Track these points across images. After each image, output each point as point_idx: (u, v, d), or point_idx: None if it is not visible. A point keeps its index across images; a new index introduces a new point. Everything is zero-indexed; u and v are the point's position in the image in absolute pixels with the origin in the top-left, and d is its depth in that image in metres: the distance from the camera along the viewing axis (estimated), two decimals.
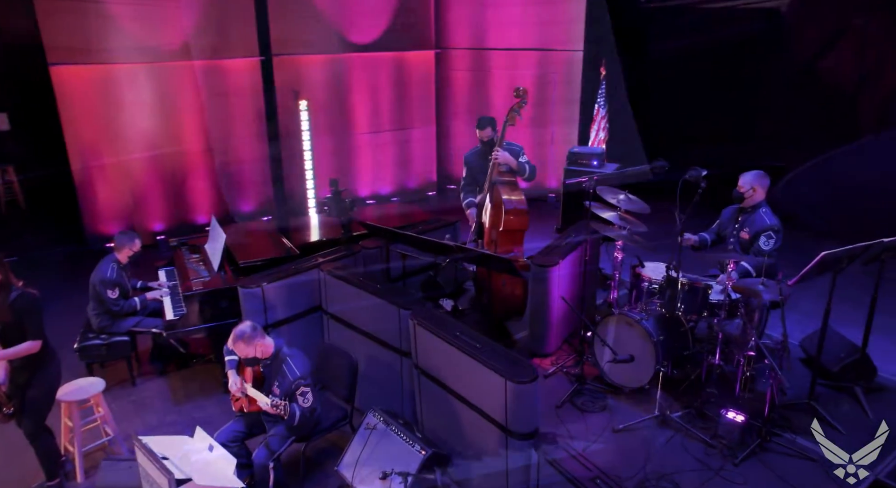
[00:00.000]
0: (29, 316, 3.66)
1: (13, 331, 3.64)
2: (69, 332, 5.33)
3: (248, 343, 3.68)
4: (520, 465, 3.51)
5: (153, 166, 8.06)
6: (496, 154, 4.62)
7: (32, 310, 3.68)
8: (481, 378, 3.57)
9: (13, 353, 3.66)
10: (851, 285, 4.29)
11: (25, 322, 3.65)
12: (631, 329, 3.95)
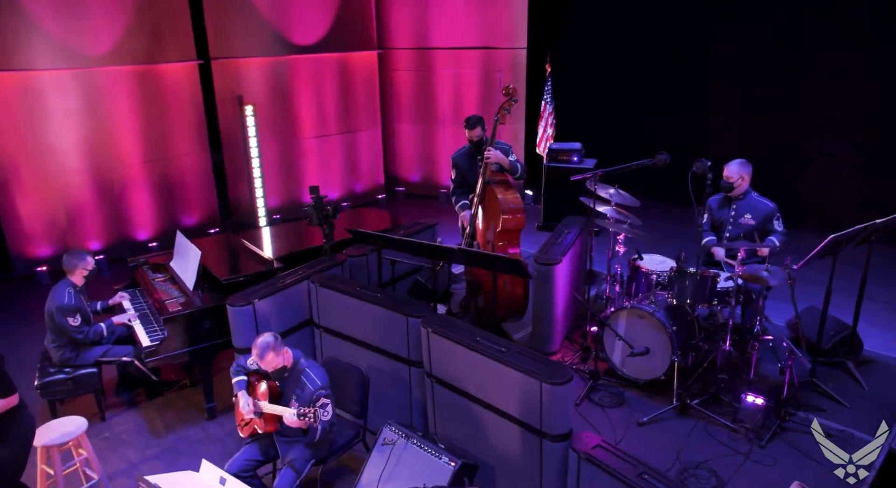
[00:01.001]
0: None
1: None
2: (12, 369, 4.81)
3: (276, 352, 3.46)
4: (556, 467, 3.46)
5: (87, 180, 7.44)
6: (488, 153, 4.55)
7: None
8: (511, 382, 3.49)
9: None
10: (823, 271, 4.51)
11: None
12: (643, 321, 3.99)
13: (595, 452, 3.29)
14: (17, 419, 3.39)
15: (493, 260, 4.06)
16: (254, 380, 3.74)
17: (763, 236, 4.14)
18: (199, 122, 8.22)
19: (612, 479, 3.16)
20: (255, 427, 3.68)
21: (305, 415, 3.31)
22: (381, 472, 3.76)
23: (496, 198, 4.53)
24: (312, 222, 4.98)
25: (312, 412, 3.30)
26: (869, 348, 4.57)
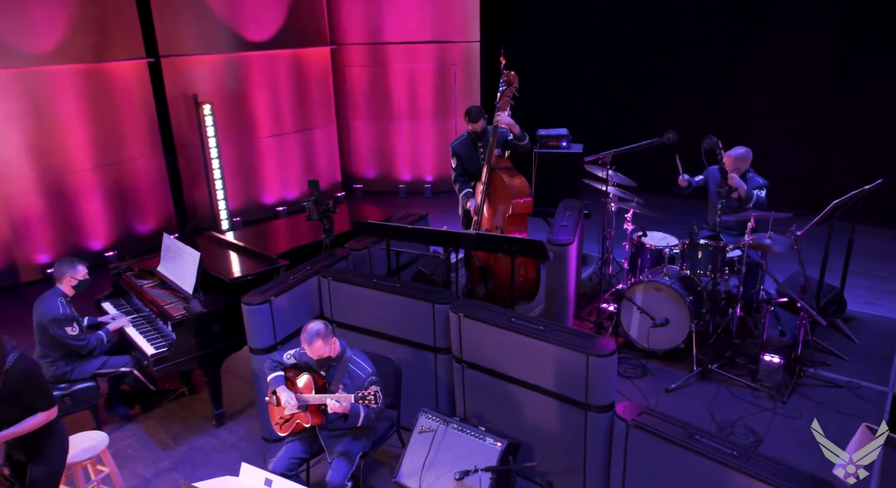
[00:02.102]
0: (30, 384, 3.00)
1: (4, 404, 2.95)
2: None
3: (326, 340, 3.39)
4: (601, 438, 3.56)
5: (34, 189, 6.94)
6: (498, 117, 4.58)
7: (33, 376, 3.02)
8: (554, 358, 3.56)
9: (20, 431, 2.98)
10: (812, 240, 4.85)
11: (27, 391, 2.98)
12: (660, 293, 4.16)
13: (642, 419, 3.42)
14: (53, 434, 3.17)
15: (514, 242, 4.12)
16: (291, 376, 3.63)
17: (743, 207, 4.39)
18: (151, 123, 7.82)
19: (664, 443, 3.29)
20: (299, 422, 3.57)
21: (365, 398, 3.23)
22: (425, 459, 3.75)
23: (504, 184, 4.59)
24: (312, 217, 4.87)
25: (372, 393, 3.23)
26: (850, 307, 4.96)
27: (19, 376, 2.95)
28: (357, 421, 3.44)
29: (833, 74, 7.20)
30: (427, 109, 9.71)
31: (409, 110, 9.70)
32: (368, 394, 3.25)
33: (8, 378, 2.92)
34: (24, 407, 3.01)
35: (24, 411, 3.01)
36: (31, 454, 3.10)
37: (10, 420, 2.99)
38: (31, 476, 3.08)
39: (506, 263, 4.68)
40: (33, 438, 3.08)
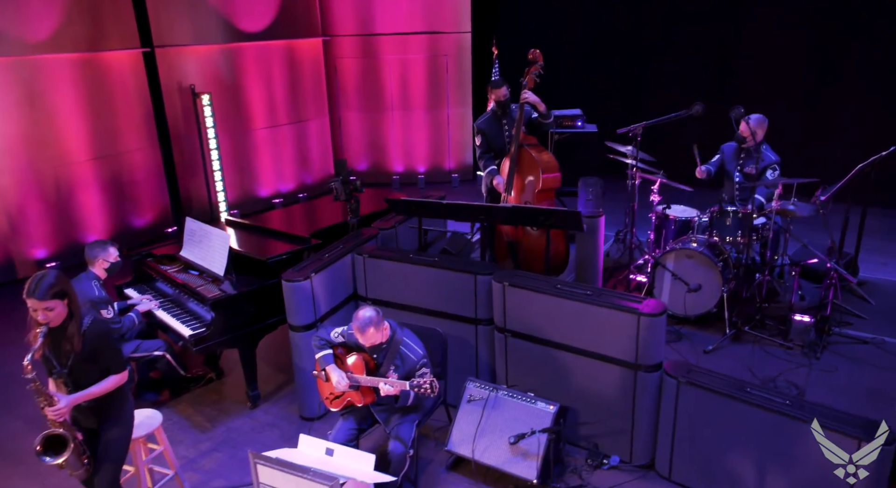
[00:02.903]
0: (106, 346, 2.98)
1: (83, 366, 2.93)
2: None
3: (378, 328, 3.37)
4: (650, 397, 3.67)
5: (30, 182, 6.75)
6: (525, 94, 4.66)
7: (109, 337, 3.00)
8: (604, 321, 3.65)
9: (98, 392, 2.96)
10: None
11: (103, 353, 2.97)
12: (692, 260, 4.30)
13: (692, 376, 3.54)
14: (125, 397, 3.15)
15: (550, 214, 4.21)
16: (340, 353, 3.64)
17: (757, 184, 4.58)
18: (147, 114, 7.68)
19: (716, 397, 3.43)
20: (350, 400, 3.58)
21: (420, 386, 3.26)
22: (477, 426, 3.81)
23: (533, 159, 4.67)
24: (339, 197, 4.89)
25: (428, 383, 3.26)
26: (862, 274, 5.20)
27: (96, 337, 2.93)
28: (407, 401, 3.47)
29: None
30: (419, 100, 9.75)
31: (402, 101, 9.72)
32: (424, 383, 3.25)
33: (85, 339, 2.89)
34: (100, 368, 2.98)
35: (100, 373, 2.98)
36: (104, 417, 3.05)
37: (88, 381, 2.95)
38: (104, 439, 3.04)
39: (534, 238, 4.77)
40: (107, 401, 3.04)
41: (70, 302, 2.87)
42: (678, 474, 3.69)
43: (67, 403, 2.86)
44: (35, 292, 2.75)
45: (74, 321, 2.88)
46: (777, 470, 3.31)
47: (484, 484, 3.75)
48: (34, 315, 2.80)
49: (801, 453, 3.19)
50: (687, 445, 3.61)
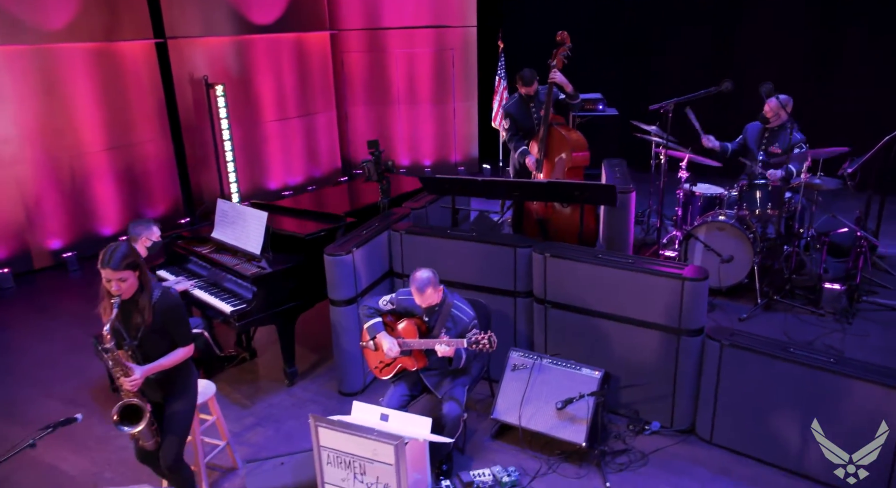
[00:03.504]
0: (175, 318, 3.01)
1: (153, 338, 2.96)
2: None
3: (435, 288, 3.45)
4: (692, 361, 3.76)
5: (46, 172, 6.73)
6: (554, 75, 4.74)
7: (178, 310, 3.03)
8: (647, 287, 3.74)
9: (168, 364, 2.99)
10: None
11: (172, 325, 3.00)
12: (723, 232, 4.40)
13: (735, 339, 3.64)
14: (190, 370, 3.18)
15: (584, 188, 4.30)
16: (389, 321, 3.69)
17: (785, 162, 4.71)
18: (159, 105, 7.68)
19: (760, 357, 3.53)
20: (402, 365, 3.63)
21: (479, 342, 3.32)
22: (523, 394, 3.88)
23: (563, 138, 4.77)
24: (371, 177, 4.94)
25: (486, 338, 3.32)
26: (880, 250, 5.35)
27: (166, 309, 2.95)
28: (460, 362, 3.53)
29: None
30: (426, 94, 9.82)
31: (408, 95, 9.79)
32: (482, 339, 3.32)
33: (155, 311, 2.92)
34: (168, 341, 3.01)
35: (168, 346, 3.01)
36: (171, 390, 3.08)
37: (156, 354, 2.98)
38: (170, 411, 3.07)
39: (564, 215, 4.86)
40: (174, 374, 3.07)
41: (141, 274, 2.90)
42: (719, 437, 3.79)
43: (142, 373, 2.89)
44: (110, 262, 2.77)
45: (145, 293, 2.91)
46: (823, 428, 3.41)
47: (530, 450, 3.81)
48: (107, 286, 2.82)
49: (845, 410, 3.30)
50: (728, 408, 3.70)
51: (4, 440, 4.05)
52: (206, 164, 8.19)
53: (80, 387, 4.63)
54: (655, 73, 9.01)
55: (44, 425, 2.68)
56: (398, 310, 3.67)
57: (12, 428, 4.18)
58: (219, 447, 3.72)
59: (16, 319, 5.75)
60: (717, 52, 8.52)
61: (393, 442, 3.06)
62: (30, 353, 5.13)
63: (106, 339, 2.78)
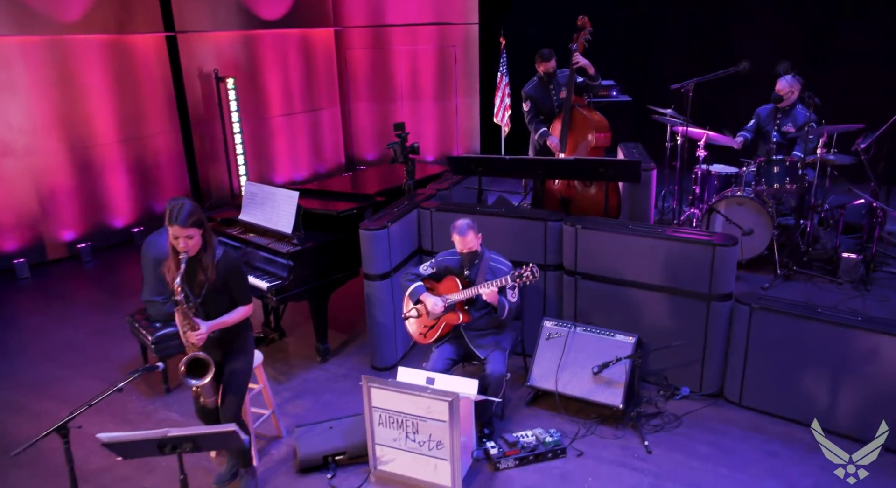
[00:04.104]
0: (237, 277, 3.10)
1: (215, 296, 3.04)
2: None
3: (475, 232, 3.61)
4: (722, 325, 3.91)
5: (61, 162, 6.74)
6: (577, 58, 4.89)
7: (240, 269, 3.12)
8: (676, 255, 3.89)
9: (230, 321, 3.09)
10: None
11: (234, 283, 3.09)
12: (742, 207, 4.57)
13: (764, 302, 3.80)
14: (249, 330, 3.26)
15: (609, 165, 4.44)
16: (430, 285, 3.79)
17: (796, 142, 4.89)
18: (169, 98, 7.72)
19: (789, 319, 3.68)
20: (447, 323, 3.71)
21: (522, 275, 3.41)
22: (559, 361, 4.00)
23: (586, 119, 4.92)
24: (397, 159, 5.04)
25: (529, 269, 3.40)
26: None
27: (228, 268, 3.04)
28: (503, 312, 3.62)
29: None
30: (428, 91, 9.95)
31: (411, 92, 9.92)
32: (525, 272, 3.42)
33: (218, 269, 3.00)
34: (230, 299, 3.09)
35: (229, 304, 3.09)
36: (230, 349, 3.15)
37: (218, 312, 3.06)
38: (230, 370, 3.14)
39: (586, 194, 5.00)
40: (234, 332, 3.15)
41: (205, 232, 2.98)
42: (748, 399, 3.93)
43: (208, 328, 2.98)
44: (177, 219, 2.86)
45: (209, 252, 3.00)
46: (848, 385, 3.57)
47: (567, 414, 3.93)
48: (174, 243, 2.91)
49: (873, 367, 3.46)
50: (757, 370, 3.85)
51: (47, 415, 4.09)
52: (214, 158, 8.24)
53: (111, 367, 4.67)
54: (655, 66, 9.15)
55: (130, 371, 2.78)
56: (439, 272, 3.78)
57: (53, 404, 4.21)
58: (264, 416, 3.79)
59: (37, 307, 5.75)
60: (720, 36, 8.60)
61: (447, 398, 3.16)
62: (56, 338, 5.15)
63: (176, 292, 2.86)
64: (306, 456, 3.48)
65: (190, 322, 2.94)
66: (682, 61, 8.83)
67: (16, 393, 4.37)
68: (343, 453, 3.53)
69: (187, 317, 2.93)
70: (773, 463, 3.48)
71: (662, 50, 8.95)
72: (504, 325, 3.80)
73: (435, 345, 3.80)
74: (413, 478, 3.38)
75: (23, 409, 4.19)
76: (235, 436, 2.47)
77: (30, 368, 4.68)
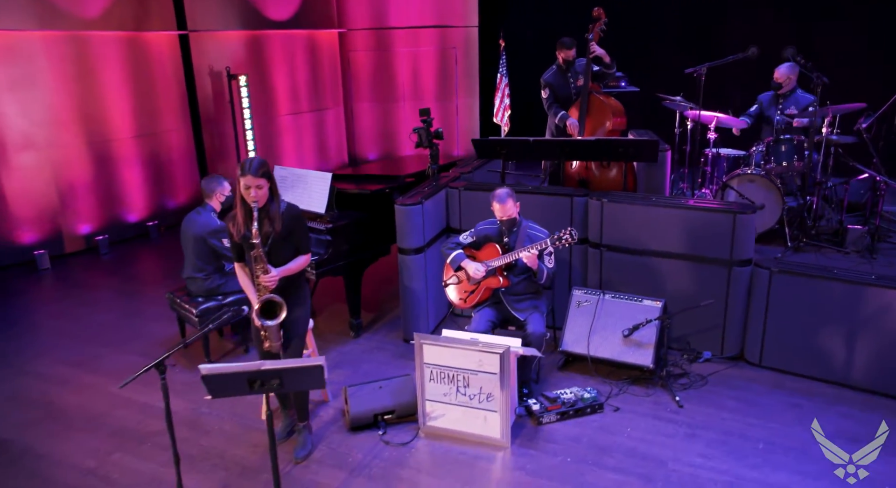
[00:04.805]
0: (300, 226, 3.29)
1: (280, 244, 3.23)
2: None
3: (514, 200, 3.80)
4: (742, 289, 4.15)
5: (80, 156, 6.84)
6: (593, 47, 5.13)
7: (302, 219, 3.31)
8: (699, 224, 4.13)
9: (292, 269, 3.27)
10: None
11: (297, 233, 3.28)
12: (753, 183, 4.84)
13: (783, 265, 4.05)
14: (306, 280, 3.42)
15: (628, 145, 4.69)
16: (470, 253, 3.98)
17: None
18: (182, 96, 7.86)
19: (808, 280, 3.93)
20: (488, 287, 3.89)
21: (561, 238, 3.59)
22: (590, 326, 4.21)
23: (603, 104, 5.17)
24: (422, 143, 5.24)
25: (568, 232, 3.59)
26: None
27: (292, 218, 3.23)
28: (542, 277, 3.81)
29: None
30: (429, 91, 10.20)
31: (413, 92, 10.15)
32: (564, 235, 3.62)
33: (284, 220, 3.18)
34: (292, 248, 3.28)
35: (292, 253, 3.28)
36: (292, 298, 3.30)
37: (282, 260, 3.24)
38: (293, 317, 3.31)
39: (603, 176, 5.24)
40: (294, 282, 3.33)
41: (272, 185, 3.16)
42: (768, 359, 4.17)
43: (278, 272, 3.16)
44: (250, 169, 3.04)
45: (275, 202, 3.18)
46: (863, 341, 3.83)
47: (599, 376, 4.13)
48: (245, 193, 3.08)
49: (887, 320, 3.72)
50: (776, 331, 4.09)
51: (94, 387, 4.20)
52: (224, 155, 8.37)
53: (150, 344, 4.78)
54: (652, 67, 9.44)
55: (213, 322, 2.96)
56: (478, 241, 3.97)
57: (97, 378, 4.32)
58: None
59: (64, 294, 5.83)
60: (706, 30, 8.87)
61: (498, 350, 3.35)
62: (88, 321, 5.23)
63: (254, 236, 3.04)
64: (357, 414, 3.64)
65: (263, 266, 3.12)
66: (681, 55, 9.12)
67: (59, 368, 4.46)
68: (392, 412, 3.69)
69: (260, 261, 3.11)
70: (798, 413, 3.71)
71: (662, 44, 9.17)
72: (540, 291, 4.00)
73: (475, 309, 3.99)
74: (462, 432, 3.55)
75: (68, 382, 4.29)
76: (320, 372, 2.63)
77: (67, 348, 4.77)
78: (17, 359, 4.62)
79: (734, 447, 3.45)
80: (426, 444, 3.55)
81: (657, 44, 9.24)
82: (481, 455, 3.44)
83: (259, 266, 3.13)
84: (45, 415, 3.91)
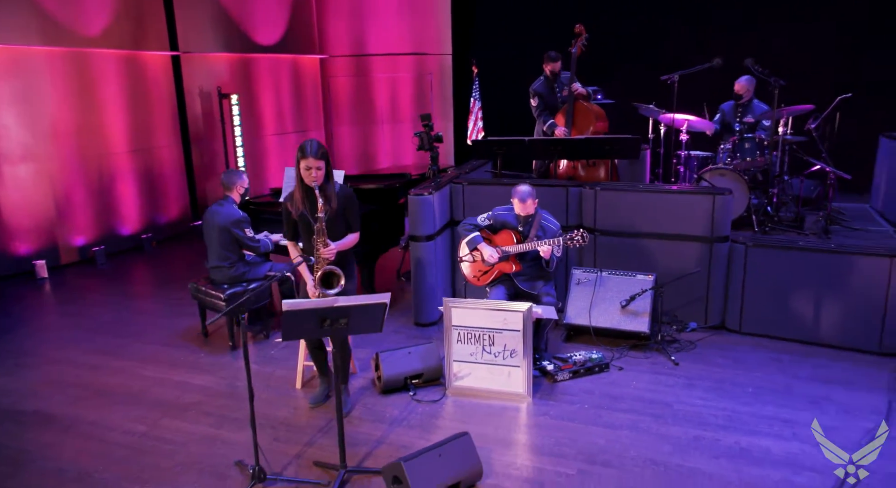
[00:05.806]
0: (352, 206, 3.62)
1: (334, 221, 3.56)
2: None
3: (534, 199, 4.17)
4: (721, 263, 4.67)
5: (76, 169, 7.00)
6: (575, 86, 5.70)
7: (354, 198, 3.65)
8: (684, 205, 4.66)
9: (346, 244, 3.60)
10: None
11: (349, 211, 3.62)
12: (724, 177, 5.41)
13: (756, 240, 4.60)
14: (353, 257, 3.72)
15: (613, 142, 5.23)
16: (486, 235, 4.38)
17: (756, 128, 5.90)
18: (173, 114, 8.13)
19: (779, 252, 4.49)
20: (500, 270, 4.29)
21: (573, 239, 4.05)
22: (590, 301, 4.64)
23: (587, 110, 5.72)
24: (424, 146, 5.68)
25: (579, 234, 4.06)
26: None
27: (346, 198, 3.57)
28: (553, 265, 4.25)
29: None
30: (407, 114, 10.70)
31: (391, 115, 10.64)
32: (576, 236, 4.07)
33: (339, 199, 3.52)
34: (345, 225, 3.60)
35: (344, 229, 3.60)
36: (342, 270, 3.61)
37: (335, 236, 3.56)
38: (344, 290, 3.60)
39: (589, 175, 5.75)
40: (345, 257, 3.64)
41: (328, 166, 3.50)
42: (747, 325, 4.68)
43: (337, 245, 3.50)
44: (311, 151, 3.39)
45: (331, 183, 3.53)
46: (830, 302, 4.38)
47: (600, 344, 4.54)
48: (306, 174, 3.41)
49: (848, 283, 4.29)
50: (753, 300, 4.62)
51: (125, 370, 4.38)
52: (212, 173, 8.61)
53: (170, 335, 4.96)
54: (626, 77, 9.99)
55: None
56: (495, 225, 4.37)
57: (128, 362, 4.49)
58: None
59: (68, 298, 5.93)
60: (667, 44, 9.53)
61: (522, 308, 3.74)
62: (102, 320, 5.35)
63: (320, 209, 3.36)
64: (390, 377, 3.94)
65: (324, 239, 3.44)
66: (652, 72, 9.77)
67: (89, 356, 4.61)
68: (421, 375, 4.01)
69: (321, 234, 3.43)
70: (778, 366, 4.21)
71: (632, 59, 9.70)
72: (548, 274, 4.41)
73: (489, 286, 4.37)
74: (488, 389, 3.89)
75: (100, 367, 4.44)
76: (382, 311, 2.97)
77: (90, 340, 4.90)
78: (43, 351, 4.75)
79: (727, 391, 3.90)
80: (455, 401, 3.88)
81: (626, 58, 9.91)
82: (508, 406, 3.79)
83: (321, 239, 3.45)
84: (88, 393, 4.07)
